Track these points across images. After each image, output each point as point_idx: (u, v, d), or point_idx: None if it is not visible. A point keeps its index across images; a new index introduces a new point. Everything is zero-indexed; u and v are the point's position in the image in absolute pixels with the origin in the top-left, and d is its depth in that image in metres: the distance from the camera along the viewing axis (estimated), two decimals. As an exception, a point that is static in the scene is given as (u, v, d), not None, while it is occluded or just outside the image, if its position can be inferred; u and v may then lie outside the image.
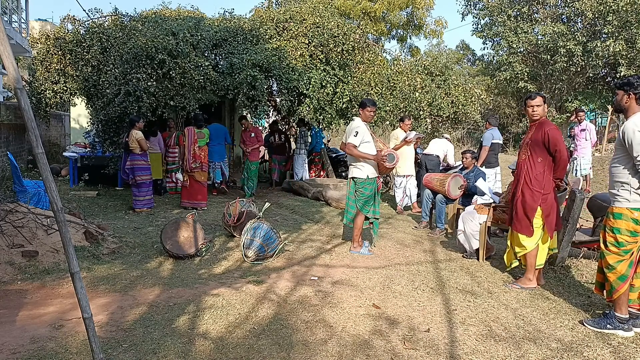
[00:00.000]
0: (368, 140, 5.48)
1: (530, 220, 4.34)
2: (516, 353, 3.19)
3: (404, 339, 3.36)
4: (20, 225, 4.93)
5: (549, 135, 4.21)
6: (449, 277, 4.80)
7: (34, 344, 3.12)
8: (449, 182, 6.53)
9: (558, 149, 4.21)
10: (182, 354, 3.03)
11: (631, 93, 3.41)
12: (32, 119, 2.27)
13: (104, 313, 3.65)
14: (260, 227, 5.28)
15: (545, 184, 4.29)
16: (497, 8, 19.75)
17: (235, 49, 9.23)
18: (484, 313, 3.86)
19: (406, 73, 10.27)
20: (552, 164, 4.30)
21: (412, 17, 21.21)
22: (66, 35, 9.28)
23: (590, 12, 16.72)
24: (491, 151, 8.00)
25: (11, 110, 10.28)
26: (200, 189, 8.12)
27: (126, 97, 7.61)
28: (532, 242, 4.38)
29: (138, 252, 5.50)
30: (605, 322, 3.56)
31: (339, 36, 9.78)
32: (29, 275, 4.46)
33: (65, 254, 2.45)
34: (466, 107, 10.58)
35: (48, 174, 2.33)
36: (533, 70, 19.69)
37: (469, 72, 27.14)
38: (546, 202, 4.30)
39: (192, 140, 7.99)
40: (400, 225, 7.38)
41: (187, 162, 7.97)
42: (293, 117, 10.56)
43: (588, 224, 5.96)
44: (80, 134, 13.35)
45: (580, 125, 9.64)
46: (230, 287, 4.33)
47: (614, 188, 3.52)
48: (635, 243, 3.44)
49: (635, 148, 3.28)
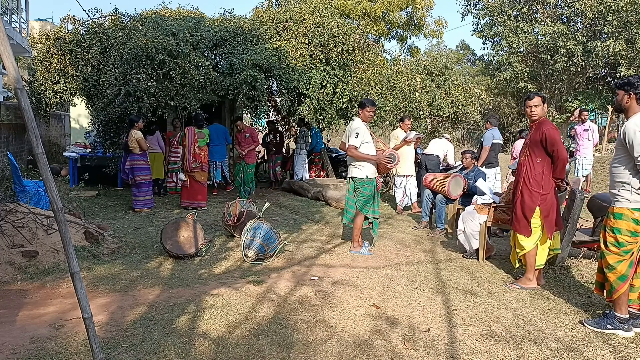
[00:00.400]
0: (368, 140, 5.49)
1: (528, 221, 4.34)
2: (516, 353, 3.19)
3: (404, 339, 3.36)
4: (20, 225, 4.93)
5: (546, 135, 4.21)
6: (449, 277, 4.80)
7: (34, 344, 3.12)
8: (449, 182, 6.53)
9: (556, 149, 4.20)
10: (182, 354, 3.03)
11: (632, 93, 3.41)
12: (32, 119, 2.27)
13: (104, 313, 3.65)
14: (260, 227, 5.28)
15: (544, 184, 4.29)
16: (497, 8, 19.74)
17: (235, 49, 9.23)
18: (484, 313, 3.86)
19: (406, 73, 10.27)
20: (550, 165, 4.30)
21: (412, 17, 21.20)
22: (66, 35, 9.28)
23: (590, 12, 16.71)
24: (491, 151, 8.02)
25: (11, 110, 10.28)
26: (200, 189, 8.11)
27: (126, 97, 7.61)
28: (531, 242, 4.38)
29: (138, 252, 5.50)
30: (605, 322, 3.56)
31: (339, 36, 9.78)
32: (29, 275, 4.46)
33: (65, 254, 2.45)
34: (466, 107, 10.58)
35: (48, 174, 2.33)
36: (533, 70, 19.69)
37: (469, 72, 27.12)
38: (545, 203, 4.29)
39: (193, 140, 7.98)
40: (400, 225, 7.38)
41: (187, 162, 7.95)
42: (293, 117, 10.56)
43: (588, 224, 5.96)
44: (80, 134, 13.37)
45: (584, 125, 9.63)
46: (230, 287, 4.33)
47: (615, 188, 3.52)
48: (636, 243, 3.44)
49: (636, 148, 3.28)
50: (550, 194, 4.32)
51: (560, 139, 4.25)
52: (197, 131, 8.07)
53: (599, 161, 13.28)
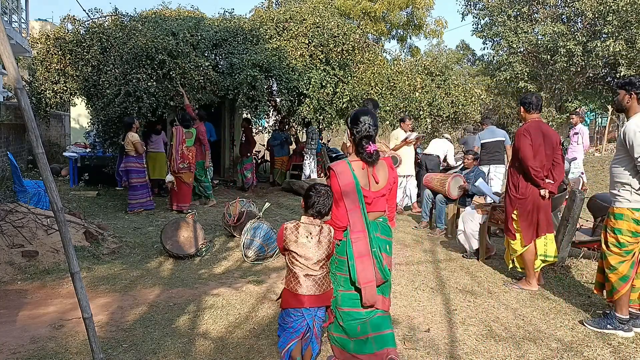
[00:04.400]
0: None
1: (509, 224, 4.43)
2: (516, 353, 3.19)
3: (404, 339, 3.35)
4: (20, 225, 4.93)
5: (516, 140, 4.31)
6: (449, 277, 4.80)
7: (34, 344, 3.12)
8: (449, 182, 6.53)
9: (521, 156, 4.24)
10: (182, 354, 3.03)
11: (633, 93, 3.40)
12: (32, 119, 2.27)
13: (104, 313, 3.64)
14: (261, 227, 5.28)
15: (522, 189, 4.31)
16: (497, 8, 19.74)
17: (235, 49, 9.22)
18: (484, 313, 3.86)
19: (406, 73, 10.27)
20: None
21: (412, 17, 21.18)
22: (66, 35, 9.27)
23: (590, 12, 16.71)
24: (494, 150, 7.98)
25: (11, 110, 10.27)
26: (187, 191, 7.79)
27: (126, 97, 7.60)
28: (518, 244, 4.40)
29: (138, 252, 5.50)
30: (605, 322, 3.56)
31: (339, 36, 9.77)
32: (29, 275, 4.46)
33: (65, 254, 2.45)
34: (466, 107, 10.57)
35: (48, 174, 2.32)
36: (533, 70, 19.69)
37: (469, 72, 27.12)
38: (523, 207, 4.31)
39: (180, 140, 7.59)
40: (400, 225, 7.37)
41: (175, 163, 7.58)
42: (293, 117, 10.56)
43: (588, 224, 5.96)
44: (80, 134, 13.34)
45: (575, 128, 9.66)
46: (230, 287, 4.33)
47: (615, 188, 3.52)
48: (637, 243, 3.44)
49: (636, 149, 3.27)
50: (530, 198, 4.28)
51: (523, 144, 4.21)
52: (185, 131, 7.68)
53: (599, 161, 13.29)
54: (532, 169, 4.18)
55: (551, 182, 4.27)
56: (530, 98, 4.35)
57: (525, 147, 4.21)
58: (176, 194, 7.75)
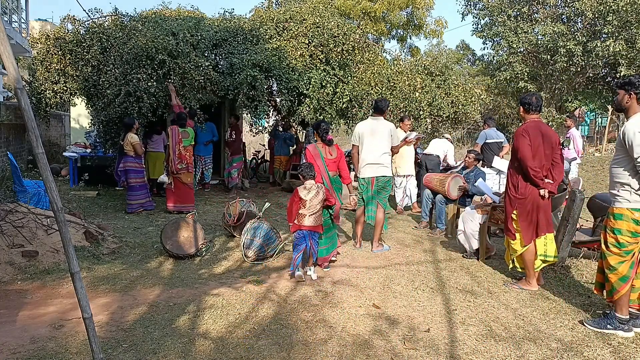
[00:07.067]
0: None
1: (509, 224, 4.43)
2: (516, 353, 3.19)
3: (404, 339, 3.36)
4: (20, 225, 4.93)
5: (514, 140, 4.32)
6: (449, 277, 4.80)
7: (34, 344, 3.12)
8: (449, 182, 6.53)
9: (519, 156, 4.25)
10: (182, 354, 3.03)
11: (632, 93, 3.40)
12: (32, 119, 2.27)
13: (104, 313, 3.65)
14: (261, 227, 5.28)
15: (521, 189, 4.31)
16: (497, 8, 19.72)
17: (235, 49, 9.22)
18: (484, 313, 3.86)
19: (406, 73, 10.26)
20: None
21: (412, 17, 21.17)
22: (66, 35, 9.27)
23: (590, 12, 16.70)
24: (489, 150, 8.01)
25: (11, 110, 10.27)
26: (188, 192, 7.71)
27: (126, 97, 7.60)
28: (517, 244, 4.40)
29: (138, 252, 5.50)
30: (605, 322, 3.56)
31: (339, 36, 9.77)
32: (29, 275, 4.46)
33: (65, 254, 2.45)
34: (466, 107, 10.57)
35: (48, 174, 2.33)
36: (533, 70, 19.67)
37: (469, 72, 27.10)
38: (522, 206, 4.31)
39: (177, 140, 7.48)
40: (400, 225, 7.38)
41: (173, 163, 7.47)
42: (293, 117, 10.56)
43: (588, 224, 5.96)
44: (81, 134, 13.35)
45: (569, 131, 9.70)
46: (230, 287, 4.33)
47: (614, 189, 3.52)
48: (637, 244, 3.44)
49: (636, 149, 3.27)
50: (530, 198, 4.28)
51: (522, 145, 4.21)
52: (181, 130, 7.57)
53: (599, 161, 13.28)
54: (531, 169, 4.18)
55: (550, 182, 4.27)
56: (530, 98, 4.35)
57: (524, 147, 4.21)
58: (174, 193, 7.67)
